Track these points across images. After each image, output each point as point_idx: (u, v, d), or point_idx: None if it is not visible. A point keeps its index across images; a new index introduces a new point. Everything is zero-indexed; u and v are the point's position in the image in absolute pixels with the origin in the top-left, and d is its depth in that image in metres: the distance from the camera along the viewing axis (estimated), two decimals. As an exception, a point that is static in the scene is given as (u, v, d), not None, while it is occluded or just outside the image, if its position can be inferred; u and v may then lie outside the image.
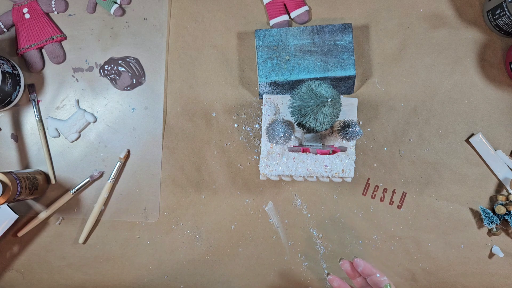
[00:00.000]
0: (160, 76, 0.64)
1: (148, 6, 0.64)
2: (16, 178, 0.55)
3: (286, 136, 0.52)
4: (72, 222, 0.63)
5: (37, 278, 0.62)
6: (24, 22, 0.63)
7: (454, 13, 0.63)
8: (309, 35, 0.59)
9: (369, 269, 0.50)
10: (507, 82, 0.63)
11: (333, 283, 0.53)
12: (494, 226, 0.61)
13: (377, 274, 0.49)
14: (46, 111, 0.64)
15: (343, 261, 0.53)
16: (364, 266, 0.50)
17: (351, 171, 0.58)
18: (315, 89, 0.47)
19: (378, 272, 0.50)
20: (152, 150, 0.63)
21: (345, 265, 0.53)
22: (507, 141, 0.62)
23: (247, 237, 0.62)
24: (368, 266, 0.50)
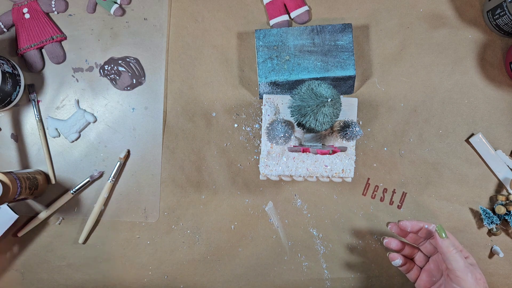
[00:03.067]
0: (160, 76, 0.64)
1: (148, 6, 0.64)
2: (16, 178, 0.55)
3: (286, 136, 0.52)
4: (72, 222, 0.63)
5: (37, 278, 0.62)
6: (24, 22, 0.63)
7: (454, 13, 0.63)
8: (309, 35, 0.59)
9: (416, 225, 0.53)
10: (507, 82, 0.63)
11: (391, 245, 0.56)
12: (494, 226, 0.61)
13: (425, 225, 0.53)
14: (46, 111, 0.64)
15: (391, 225, 0.57)
16: (411, 225, 0.53)
17: (351, 171, 0.58)
18: (315, 89, 0.47)
19: (425, 223, 0.53)
20: (152, 150, 0.63)
21: (393, 228, 0.56)
22: (507, 141, 0.62)
23: (247, 237, 0.62)
24: (414, 224, 0.53)
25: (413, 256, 0.57)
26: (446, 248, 0.49)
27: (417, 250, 0.57)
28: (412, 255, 0.57)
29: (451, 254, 0.48)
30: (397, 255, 0.56)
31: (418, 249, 0.57)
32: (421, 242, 0.56)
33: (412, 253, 0.57)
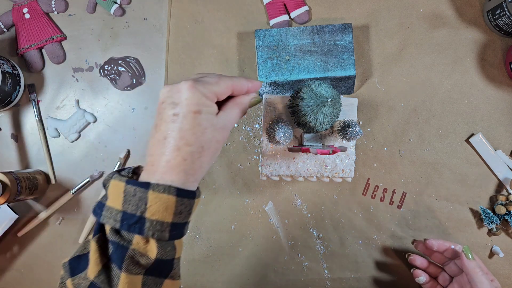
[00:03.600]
0: (160, 76, 0.64)
1: (148, 6, 0.64)
2: (16, 178, 0.55)
3: (286, 136, 0.52)
4: (72, 222, 0.63)
5: (37, 278, 0.62)
6: (24, 22, 0.63)
7: (454, 13, 0.63)
8: (309, 35, 0.59)
9: (442, 245, 0.54)
10: (507, 82, 0.63)
11: (415, 262, 0.57)
12: (494, 226, 0.61)
13: (452, 245, 0.53)
14: (46, 111, 0.64)
15: (416, 243, 0.57)
16: (437, 245, 0.54)
17: (351, 171, 0.58)
18: (315, 89, 0.47)
19: (451, 243, 0.53)
20: (152, 150, 0.63)
21: (419, 246, 0.57)
22: (507, 141, 0.62)
23: (247, 237, 0.62)
24: (440, 243, 0.54)
25: (437, 275, 0.57)
26: (472, 269, 0.49)
27: (441, 269, 0.57)
28: (436, 274, 0.57)
29: (477, 276, 0.48)
30: (421, 272, 0.56)
31: (442, 269, 0.57)
32: (445, 262, 0.56)
33: (436, 272, 0.57)
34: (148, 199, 0.34)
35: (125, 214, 0.34)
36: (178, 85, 0.36)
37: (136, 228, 0.34)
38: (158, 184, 0.34)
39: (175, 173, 0.35)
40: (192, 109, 0.35)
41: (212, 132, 0.37)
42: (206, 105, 0.36)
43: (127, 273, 0.34)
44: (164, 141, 0.35)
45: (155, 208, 0.34)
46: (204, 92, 0.36)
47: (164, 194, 0.34)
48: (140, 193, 0.34)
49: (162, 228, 0.34)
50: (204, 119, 0.36)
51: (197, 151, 0.36)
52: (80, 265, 0.36)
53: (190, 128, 0.35)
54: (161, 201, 0.34)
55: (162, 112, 0.36)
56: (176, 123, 0.35)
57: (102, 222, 0.35)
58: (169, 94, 0.36)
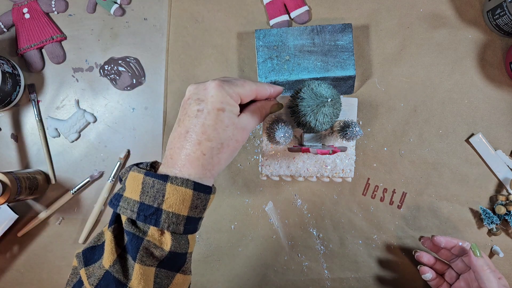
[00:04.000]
0: (160, 76, 0.64)
1: (148, 6, 0.64)
2: (16, 178, 0.55)
3: (286, 136, 0.51)
4: (72, 222, 0.63)
5: (37, 278, 0.62)
6: (24, 22, 0.63)
7: (454, 13, 0.63)
8: (309, 35, 0.59)
9: (450, 242, 0.53)
10: (507, 82, 0.63)
11: (422, 259, 0.57)
12: (494, 226, 0.61)
13: (459, 242, 0.53)
14: (46, 111, 0.64)
15: (424, 239, 0.57)
16: (445, 241, 0.54)
17: (351, 171, 0.58)
18: (315, 89, 0.47)
19: (459, 240, 0.53)
20: (152, 150, 0.63)
21: (426, 243, 0.57)
22: (507, 141, 0.62)
23: (247, 237, 0.62)
24: (448, 240, 0.54)
25: (444, 272, 0.57)
26: (480, 267, 0.49)
27: (448, 266, 0.57)
28: (442, 271, 0.57)
29: (485, 273, 0.48)
30: (428, 269, 0.56)
31: (448, 266, 0.57)
32: (452, 259, 0.56)
33: (443, 269, 0.57)
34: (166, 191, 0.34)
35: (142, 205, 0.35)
36: (205, 83, 0.38)
37: (153, 219, 0.34)
38: (177, 177, 0.35)
39: (193, 167, 0.36)
40: (217, 106, 0.36)
41: (233, 131, 0.38)
42: (229, 104, 0.37)
43: (141, 264, 0.35)
44: (186, 135, 0.36)
45: (172, 200, 0.35)
46: (229, 91, 0.38)
47: (182, 187, 0.35)
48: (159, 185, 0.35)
49: (178, 221, 0.35)
50: (226, 117, 0.37)
51: (216, 147, 0.37)
52: (95, 255, 0.37)
53: (212, 124, 0.36)
54: (178, 194, 0.35)
55: (187, 108, 0.38)
56: (199, 118, 0.36)
57: (119, 212, 0.36)
58: (196, 91, 0.38)
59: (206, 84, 0.38)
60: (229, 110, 0.37)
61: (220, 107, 0.37)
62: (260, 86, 0.41)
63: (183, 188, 0.35)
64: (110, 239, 0.36)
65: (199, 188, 0.36)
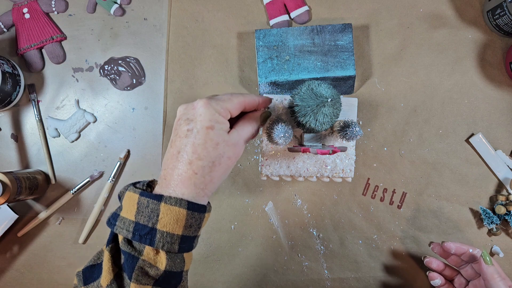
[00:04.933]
0: (160, 76, 0.64)
1: (148, 6, 0.64)
2: (16, 178, 0.55)
3: (286, 136, 0.51)
4: (72, 222, 0.63)
5: (37, 278, 0.62)
6: (24, 22, 0.63)
7: (454, 13, 0.63)
8: (309, 35, 0.59)
9: (460, 248, 0.53)
10: (507, 82, 0.63)
11: (432, 265, 0.57)
12: (494, 226, 0.61)
13: (470, 249, 0.53)
14: (46, 111, 0.64)
15: (434, 245, 0.57)
16: (456, 248, 0.53)
17: (351, 171, 0.57)
18: (315, 89, 0.47)
19: (469, 247, 0.53)
20: (152, 150, 0.63)
21: (436, 248, 0.56)
22: (507, 141, 0.62)
23: (247, 237, 0.62)
24: (458, 246, 0.53)
25: (453, 278, 0.57)
26: (490, 275, 0.48)
27: (457, 272, 0.56)
28: (452, 277, 0.57)
29: (495, 281, 0.48)
30: (437, 275, 0.56)
31: (458, 272, 0.56)
32: (462, 265, 0.55)
33: (452, 275, 0.57)
34: (160, 211, 0.35)
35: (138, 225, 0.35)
36: (194, 103, 0.38)
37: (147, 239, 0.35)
38: (170, 197, 0.35)
39: (186, 186, 0.36)
40: (205, 125, 0.37)
41: (224, 148, 0.38)
42: (218, 121, 0.38)
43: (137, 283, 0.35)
44: (178, 155, 0.37)
45: (167, 220, 0.35)
46: (217, 108, 0.38)
47: (175, 206, 0.35)
48: (153, 205, 0.35)
49: (172, 240, 0.35)
50: (216, 135, 0.37)
51: (207, 166, 0.37)
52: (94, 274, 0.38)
53: (202, 142, 0.37)
54: (172, 213, 0.35)
55: (178, 128, 0.38)
56: (189, 138, 0.37)
57: (115, 232, 0.36)
58: (185, 111, 0.38)
59: (195, 104, 0.38)
60: (219, 128, 0.38)
61: (209, 125, 0.37)
62: (248, 97, 0.42)
63: (177, 208, 0.35)
64: (107, 258, 0.36)
65: (193, 207, 0.36)
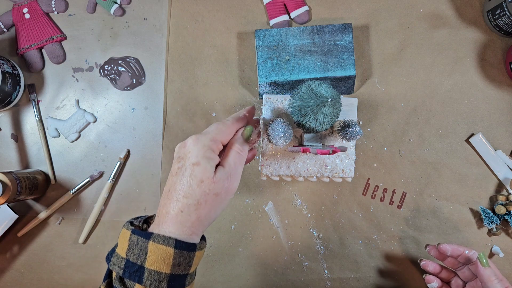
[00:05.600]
0: (160, 76, 0.64)
1: (148, 6, 0.64)
2: (16, 178, 0.55)
3: (286, 136, 0.51)
4: (72, 222, 0.63)
5: (37, 278, 0.62)
6: (24, 22, 0.63)
7: (454, 13, 0.63)
8: (309, 35, 0.59)
9: (456, 250, 0.53)
10: (507, 82, 0.63)
11: (428, 268, 0.56)
12: (494, 226, 0.61)
13: (466, 251, 0.52)
14: (46, 111, 0.64)
15: (430, 247, 0.56)
16: (451, 250, 0.53)
17: (351, 171, 0.57)
18: (315, 89, 0.47)
19: (465, 249, 0.52)
20: (152, 150, 0.63)
21: (432, 251, 0.56)
22: (507, 141, 0.62)
23: (247, 237, 0.62)
24: (454, 248, 0.53)
25: (450, 280, 0.56)
26: (487, 277, 0.48)
27: (454, 274, 0.56)
28: (448, 279, 0.56)
29: (492, 284, 0.48)
30: (433, 278, 0.56)
31: (455, 274, 0.56)
32: (459, 267, 0.55)
33: (449, 277, 0.56)
34: (148, 249, 0.35)
35: (128, 262, 0.36)
36: (186, 141, 0.39)
37: (136, 276, 0.35)
38: (159, 235, 0.36)
39: (172, 224, 0.36)
40: (192, 161, 0.37)
41: (209, 185, 0.38)
42: (206, 156, 0.38)
43: None
44: (168, 193, 0.38)
45: (154, 258, 0.35)
46: (206, 142, 0.38)
47: (162, 245, 0.35)
48: (142, 243, 0.35)
49: (160, 279, 0.36)
50: (200, 171, 0.37)
51: (193, 204, 0.37)
52: None
53: (187, 180, 0.37)
54: (159, 252, 0.35)
55: (172, 167, 0.39)
56: (178, 176, 0.37)
57: (110, 267, 0.37)
58: (178, 150, 0.39)
59: (186, 141, 0.39)
60: (205, 163, 0.38)
61: (195, 162, 0.37)
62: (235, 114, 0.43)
63: (164, 246, 0.35)
64: None
65: (181, 246, 0.36)
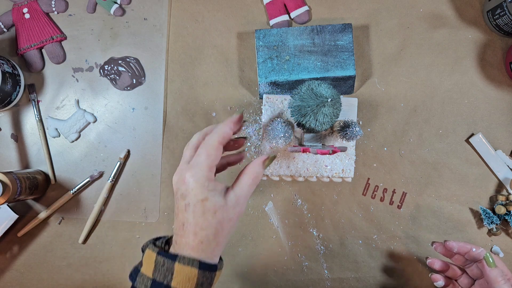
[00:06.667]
0: (160, 76, 0.64)
1: (148, 6, 0.64)
2: (16, 178, 0.55)
3: (286, 136, 0.52)
4: (72, 222, 0.63)
5: (37, 278, 0.62)
6: (24, 22, 0.63)
7: (454, 13, 0.63)
8: (309, 35, 0.59)
9: (463, 247, 0.52)
10: (507, 82, 0.63)
11: (434, 266, 0.55)
12: (494, 226, 0.61)
13: (473, 248, 0.51)
14: (46, 111, 0.64)
15: (436, 244, 0.55)
16: (458, 247, 0.52)
17: (351, 171, 0.58)
18: (315, 89, 0.47)
19: (473, 246, 0.51)
20: (152, 150, 0.63)
21: (438, 248, 0.55)
22: (507, 141, 0.62)
23: (247, 237, 0.62)
24: (461, 245, 0.52)
25: (458, 278, 0.55)
26: (494, 278, 0.47)
27: (463, 272, 0.55)
28: (456, 276, 0.55)
29: (499, 285, 0.47)
30: (440, 277, 0.54)
31: (463, 271, 0.55)
32: (467, 264, 0.54)
33: (456, 274, 0.55)
34: (174, 269, 0.38)
35: (154, 282, 0.38)
36: (184, 176, 0.40)
37: None
38: (184, 257, 0.38)
39: (195, 252, 0.39)
40: (200, 198, 0.39)
41: (223, 213, 0.40)
42: (210, 189, 0.40)
43: None
44: (183, 227, 0.40)
45: (179, 278, 0.38)
46: (204, 174, 0.40)
47: (188, 266, 0.38)
48: (168, 264, 0.38)
49: None
50: (212, 204, 0.39)
51: (211, 233, 0.39)
52: None
53: (201, 214, 0.39)
54: (185, 273, 0.38)
55: (177, 202, 0.41)
56: (189, 212, 0.39)
57: (135, 286, 0.39)
58: (178, 186, 0.41)
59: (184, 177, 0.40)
60: (212, 196, 0.39)
61: (203, 198, 0.39)
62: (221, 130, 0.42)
63: (189, 268, 0.38)
64: None
65: (204, 267, 0.38)
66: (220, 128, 0.42)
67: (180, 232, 0.40)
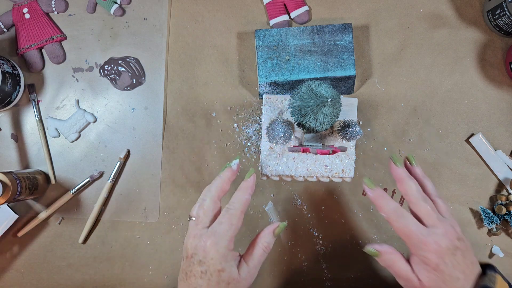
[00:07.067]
0: (160, 76, 0.64)
1: (148, 6, 0.64)
2: (16, 178, 0.55)
3: (286, 136, 0.52)
4: (72, 222, 0.63)
5: (37, 278, 0.62)
6: (24, 22, 0.63)
7: (454, 13, 0.63)
8: (309, 35, 0.59)
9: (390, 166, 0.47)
10: (507, 82, 0.63)
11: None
12: (494, 226, 0.61)
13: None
14: (46, 111, 0.64)
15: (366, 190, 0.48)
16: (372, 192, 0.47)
17: (351, 171, 0.58)
18: (315, 89, 0.47)
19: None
20: (152, 150, 0.63)
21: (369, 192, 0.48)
22: (507, 141, 0.62)
23: (247, 237, 0.62)
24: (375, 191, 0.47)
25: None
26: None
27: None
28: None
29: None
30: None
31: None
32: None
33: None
34: None
35: None
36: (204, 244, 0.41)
37: None
38: None
39: None
40: (217, 268, 0.40)
41: (235, 285, 0.42)
42: (227, 260, 0.41)
43: None
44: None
45: None
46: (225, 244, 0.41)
47: None
48: None
49: None
50: (227, 275, 0.41)
51: None
52: None
53: (215, 284, 0.40)
54: None
55: (192, 266, 0.41)
56: (204, 280, 0.41)
57: None
58: (195, 251, 0.41)
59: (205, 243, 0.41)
60: (229, 267, 0.41)
61: (220, 268, 0.40)
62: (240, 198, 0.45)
63: None
64: None
65: None
66: (240, 197, 0.44)
67: None
